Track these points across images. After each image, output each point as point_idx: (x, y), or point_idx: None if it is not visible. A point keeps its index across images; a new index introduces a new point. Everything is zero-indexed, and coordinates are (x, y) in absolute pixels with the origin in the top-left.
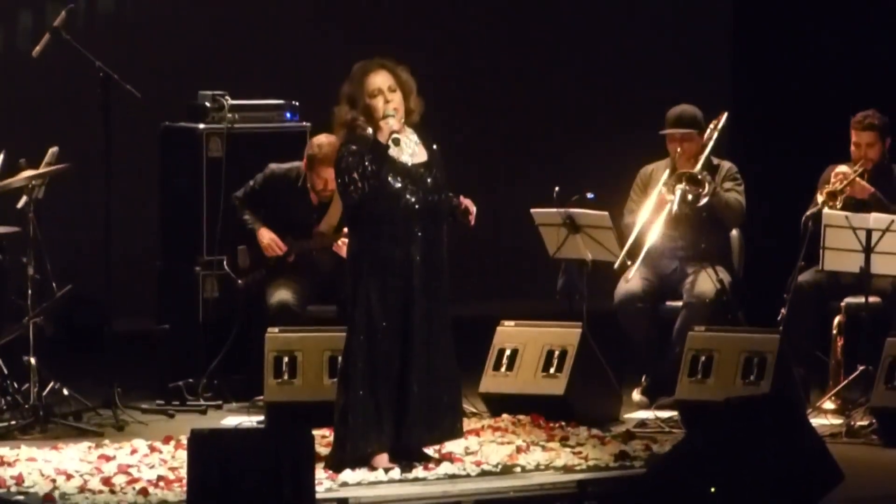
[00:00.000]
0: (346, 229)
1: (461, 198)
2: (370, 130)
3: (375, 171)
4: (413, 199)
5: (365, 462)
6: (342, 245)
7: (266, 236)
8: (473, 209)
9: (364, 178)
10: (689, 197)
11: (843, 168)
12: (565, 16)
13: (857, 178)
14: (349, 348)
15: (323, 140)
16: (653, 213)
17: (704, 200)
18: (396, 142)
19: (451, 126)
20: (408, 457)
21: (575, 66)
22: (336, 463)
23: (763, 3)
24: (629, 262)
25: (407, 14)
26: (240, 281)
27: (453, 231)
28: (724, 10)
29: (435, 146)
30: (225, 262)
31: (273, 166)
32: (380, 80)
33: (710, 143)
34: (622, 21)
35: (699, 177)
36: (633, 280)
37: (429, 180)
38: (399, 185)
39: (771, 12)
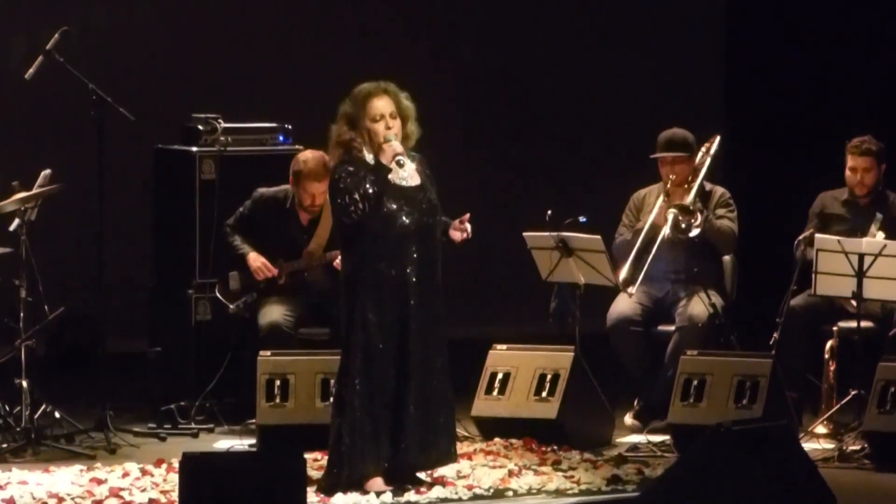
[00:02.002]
0: (336, 252)
1: (466, 217)
2: (366, 153)
3: (377, 192)
4: (408, 221)
5: (360, 485)
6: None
7: (256, 260)
8: (468, 234)
9: (364, 198)
10: (682, 226)
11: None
12: (558, 40)
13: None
14: (345, 369)
15: (308, 155)
16: (646, 241)
17: (696, 232)
18: (400, 163)
19: (444, 149)
20: (401, 480)
21: (567, 90)
22: (331, 485)
23: (756, 27)
24: (624, 287)
25: (401, 38)
26: (231, 306)
27: (447, 253)
28: (717, 34)
29: (428, 172)
30: (216, 289)
31: (261, 190)
32: (382, 105)
33: (704, 170)
34: (615, 45)
35: (691, 207)
36: (626, 303)
37: (423, 203)
38: (395, 205)
39: (764, 36)
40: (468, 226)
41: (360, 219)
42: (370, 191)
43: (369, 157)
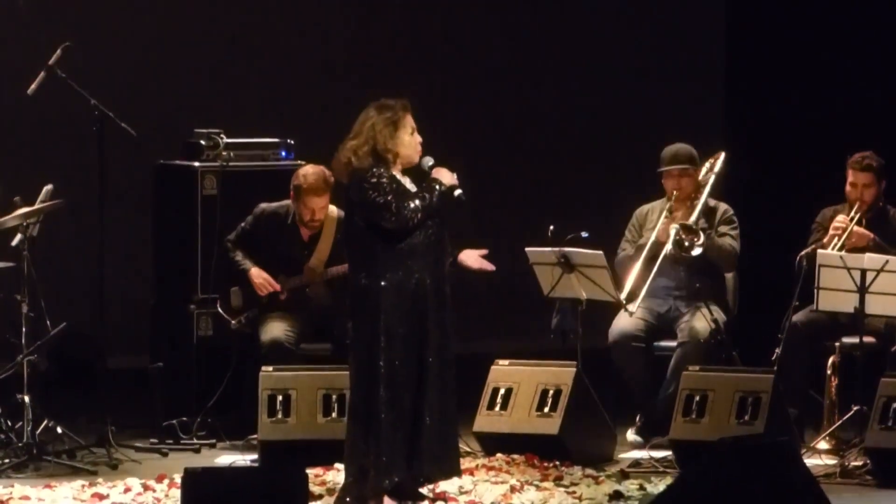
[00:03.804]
0: (338, 268)
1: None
2: (394, 172)
3: (435, 207)
4: (430, 232)
5: (386, 492)
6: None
7: (258, 276)
8: (491, 267)
9: (423, 209)
10: (685, 244)
11: (840, 219)
12: (560, 55)
13: (856, 228)
14: (367, 379)
15: (309, 170)
16: (648, 258)
17: (698, 251)
18: (460, 197)
19: (445, 164)
20: (409, 494)
21: (568, 106)
22: (355, 497)
23: (757, 43)
24: (625, 304)
25: (401, 53)
26: (233, 322)
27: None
28: (717, 50)
29: None
30: (218, 305)
31: (263, 206)
32: (412, 120)
33: (708, 187)
34: (616, 60)
35: (694, 226)
36: (627, 319)
37: (438, 216)
38: None
39: (765, 52)
40: (483, 262)
41: (413, 226)
42: (424, 203)
43: (394, 172)
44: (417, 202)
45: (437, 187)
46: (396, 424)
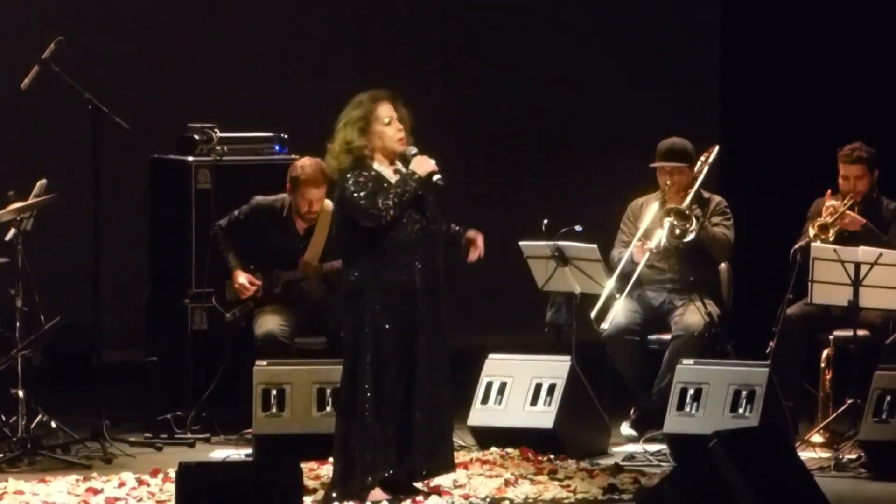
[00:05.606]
0: (334, 263)
1: (470, 232)
2: (377, 162)
3: (410, 200)
4: (416, 227)
5: (368, 492)
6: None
7: (238, 279)
8: (480, 246)
9: (397, 205)
10: (677, 231)
11: (832, 201)
12: (555, 49)
13: (848, 211)
14: (353, 376)
15: (306, 162)
16: (640, 248)
17: (692, 236)
18: (439, 181)
19: (440, 157)
20: (401, 489)
21: (563, 99)
22: (341, 494)
23: (751, 37)
24: (617, 295)
25: (398, 47)
26: (227, 315)
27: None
28: (712, 44)
29: None
30: (213, 298)
31: (258, 198)
32: (389, 109)
33: (701, 177)
34: (611, 54)
35: (687, 212)
36: (622, 312)
37: (428, 211)
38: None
39: (759, 46)
40: (481, 246)
41: (387, 224)
42: (396, 199)
43: (378, 167)
44: (388, 200)
45: (412, 180)
46: (385, 421)
